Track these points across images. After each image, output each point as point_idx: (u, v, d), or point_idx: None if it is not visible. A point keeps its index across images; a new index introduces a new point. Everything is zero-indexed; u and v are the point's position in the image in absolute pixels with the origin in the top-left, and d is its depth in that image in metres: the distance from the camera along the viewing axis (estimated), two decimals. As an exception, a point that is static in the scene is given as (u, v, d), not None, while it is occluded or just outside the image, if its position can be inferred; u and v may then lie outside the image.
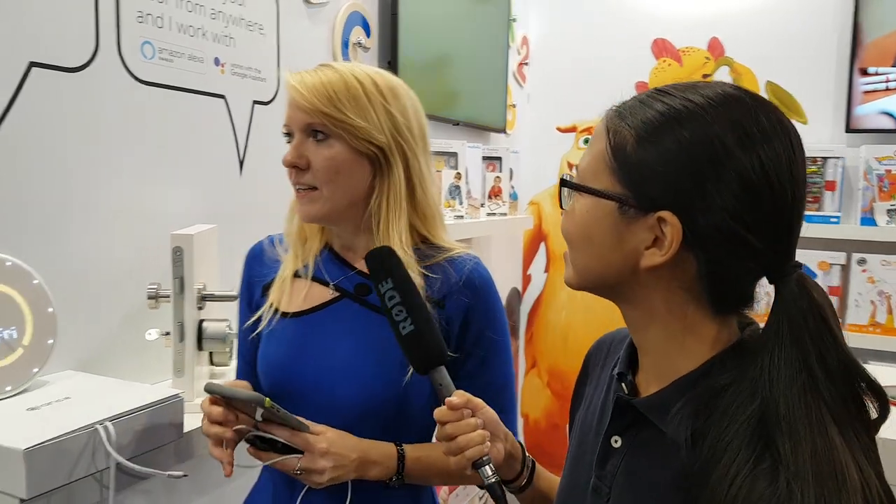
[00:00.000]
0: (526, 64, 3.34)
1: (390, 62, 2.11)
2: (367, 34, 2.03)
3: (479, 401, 0.83)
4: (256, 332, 1.10)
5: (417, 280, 0.97)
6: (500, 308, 1.10)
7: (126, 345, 1.34)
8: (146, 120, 1.36)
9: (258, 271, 1.15)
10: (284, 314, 1.08)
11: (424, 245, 1.06)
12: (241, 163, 1.61)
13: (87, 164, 1.25)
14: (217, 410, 0.95)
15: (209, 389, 0.93)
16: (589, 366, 0.88)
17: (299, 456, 0.93)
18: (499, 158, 2.65)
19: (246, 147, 1.62)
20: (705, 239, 0.63)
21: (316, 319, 1.07)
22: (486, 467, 0.79)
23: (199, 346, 1.31)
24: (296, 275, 1.10)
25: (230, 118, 1.57)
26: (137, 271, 1.35)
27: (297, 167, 1.01)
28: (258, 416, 0.93)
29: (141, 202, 1.36)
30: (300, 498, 1.00)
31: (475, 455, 0.78)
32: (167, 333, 1.30)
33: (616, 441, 0.72)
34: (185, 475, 1.07)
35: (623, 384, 0.74)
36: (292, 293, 1.09)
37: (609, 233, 0.67)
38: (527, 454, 0.91)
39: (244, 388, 1.04)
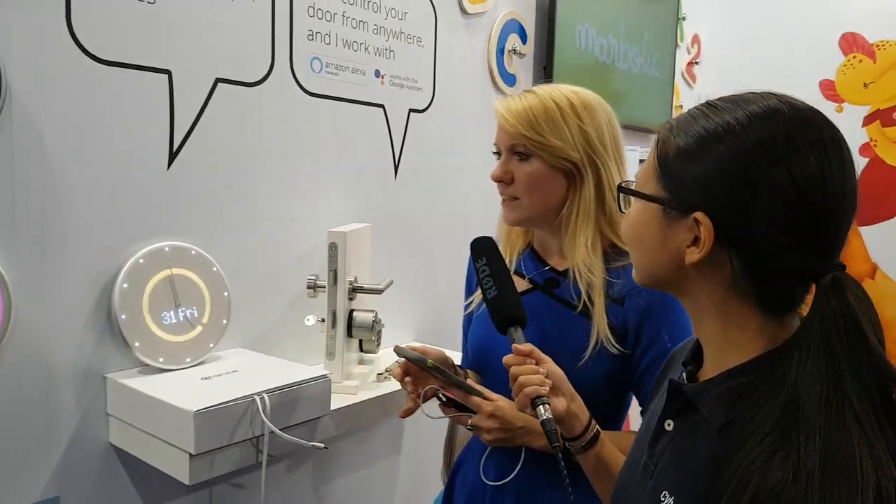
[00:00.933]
0: (696, 63, 3.22)
1: (545, 67, 2.15)
2: (524, 41, 2.08)
3: (544, 356, 0.96)
4: (468, 312, 1.30)
5: (598, 281, 1.12)
6: (682, 313, 1.13)
7: (287, 328, 1.51)
8: (312, 128, 1.52)
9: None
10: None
11: (613, 250, 1.17)
12: (396, 168, 1.73)
13: (261, 167, 1.42)
14: (397, 371, 1.14)
15: (396, 349, 1.10)
16: (672, 361, 0.93)
17: (471, 415, 1.08)
18: (659, 162, 2.59)
19: (401, 153, 1.74)
20: (736, 239, 0.68)
21: None
22: (542, 407, 0.90)
23: (349, 334, 1.44)
24: None
25: (388, 126, 1.69)
26: (300, 263, 1.51)
27: (503, 181, 1.17)
28: (437, 374, 1.08)
29: (305, 202, 1.52)
30: (486, 453, 1.20)
31: (532, 393, 0.90)
32: (323, 320, 1.45)
33: (668, 424, 0.76)
34: (326, 447, 1.19)
35: (683, 373, 0.79)
36: None
37: (656, 233, 0.74)
38: (593, 421, 0.98)
39: (436, 355, 1.17)
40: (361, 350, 1.54)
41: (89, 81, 1.15)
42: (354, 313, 1.44)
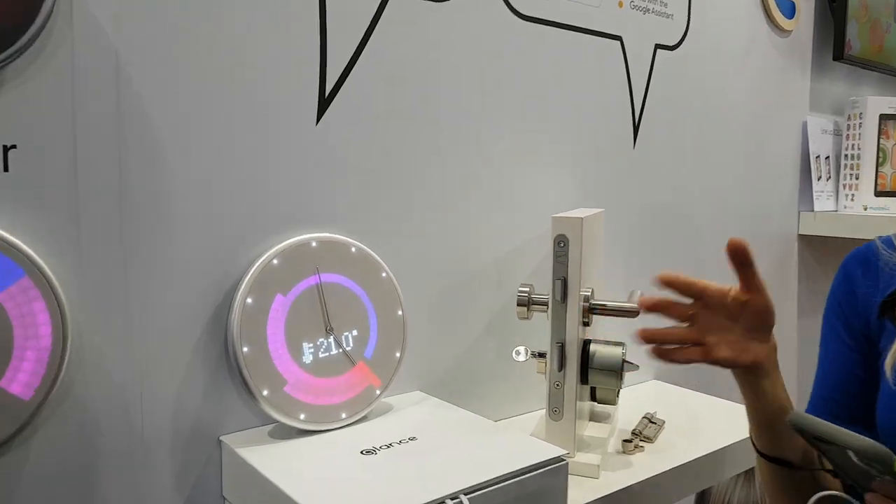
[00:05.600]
0: None
1: (835, -7, 1.53)
2: (806, -46, 1.48)
3: None
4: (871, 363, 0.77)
5: None
6: None
7: (478, 362, 1.03)
8: (521, 68, 1.02)
9: (865, 282, 0.80)
10: None
11: None
12: (636, 129, 1.20)
13: (444, 123, 0.95)
14: None
15: (796, 422, 0.60)
16: None
17: None
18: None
19: (642, 108, 1.20)
20: None
21: None
22: None
23: (583, 378, 0.93)
24: None
25: (626, 68, 1.16)
26: (499, 266, 1.03)
27: None
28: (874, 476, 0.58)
29: (513, 178, 1.03)
30: None
31: None
32: (541, 354, 0.94)
33: None
34: None
35: None
36: None
37: None
38: None
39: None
40: (594, 399, 1.02)
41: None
42: (592, 347, 0.93)
